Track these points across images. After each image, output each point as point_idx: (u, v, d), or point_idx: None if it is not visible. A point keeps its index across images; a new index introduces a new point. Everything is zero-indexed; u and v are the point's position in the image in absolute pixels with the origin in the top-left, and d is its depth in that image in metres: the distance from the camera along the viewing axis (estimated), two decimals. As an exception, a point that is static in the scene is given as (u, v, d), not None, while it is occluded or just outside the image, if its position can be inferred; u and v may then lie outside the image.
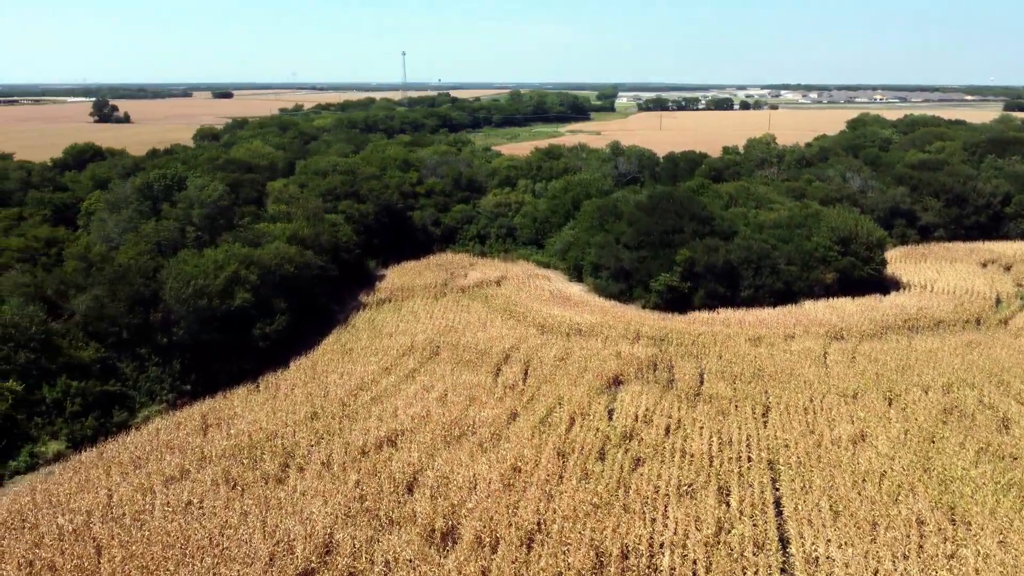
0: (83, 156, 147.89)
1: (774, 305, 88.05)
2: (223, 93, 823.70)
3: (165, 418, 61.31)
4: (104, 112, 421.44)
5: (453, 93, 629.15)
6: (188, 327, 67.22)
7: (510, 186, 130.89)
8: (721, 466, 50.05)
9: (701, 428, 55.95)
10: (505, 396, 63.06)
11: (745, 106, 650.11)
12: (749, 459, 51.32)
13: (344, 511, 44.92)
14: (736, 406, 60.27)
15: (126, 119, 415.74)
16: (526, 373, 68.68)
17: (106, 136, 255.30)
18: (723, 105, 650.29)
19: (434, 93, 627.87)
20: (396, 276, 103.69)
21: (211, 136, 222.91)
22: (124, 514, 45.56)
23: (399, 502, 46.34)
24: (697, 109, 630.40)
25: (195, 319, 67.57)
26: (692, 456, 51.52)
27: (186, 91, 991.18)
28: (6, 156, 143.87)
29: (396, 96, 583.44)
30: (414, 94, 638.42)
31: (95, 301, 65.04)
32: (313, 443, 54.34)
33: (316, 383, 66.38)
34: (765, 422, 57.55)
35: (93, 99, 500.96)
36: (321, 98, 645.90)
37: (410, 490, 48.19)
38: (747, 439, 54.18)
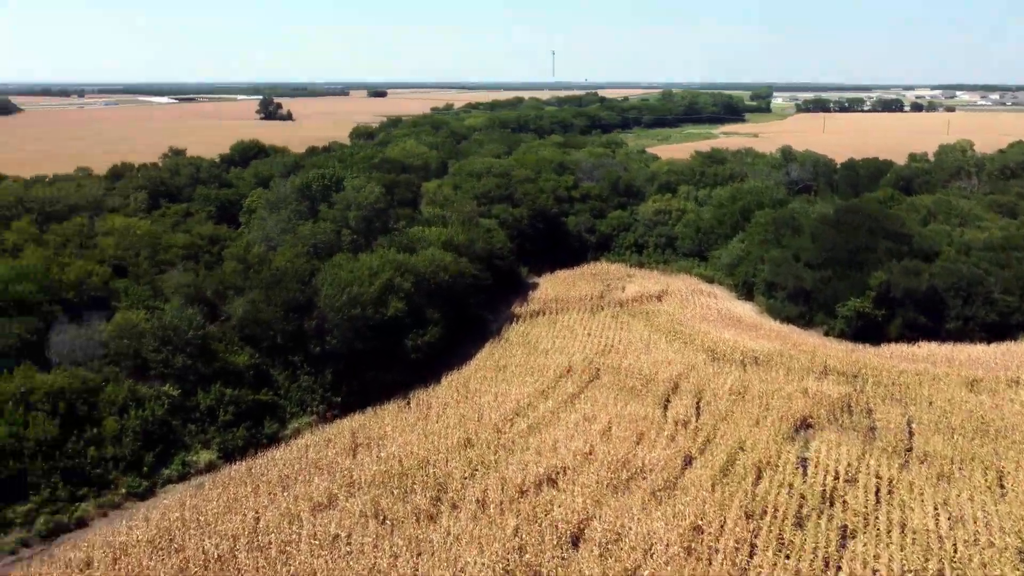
0: (248, 153, 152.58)
1: (987, 341, 75.89)
2: (377, 92, 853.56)
3: (314, 433, 58.68)
4: (269, 110, 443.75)
5: (601, 92, 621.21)
6: (341, 335, 64.54)
7: (670, 192, 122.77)
8: (956, 551, 40.93)
9: (921, 496, 46.78)
10: (676, 434, 56.07)
11: (917, 108, 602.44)
12: (991, 543, 41.84)
13: (503, 564, 39.69)
14: (960, 469, 50.41)
15: (288, 116, 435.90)
16: (698, 407, 61.31)
17: (269, 133, 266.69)
18: (891, 106, 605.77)
19: (581, 92, 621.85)
20: (549, 285, 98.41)
21: (366, 135, 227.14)
22: (270, 543, 42.42)
23: (563, 558, 40.63)
24: (861, 111, 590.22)
25: (348, 327, 64.81)
26: (915, 534, 42.68)
27: (343, 90, 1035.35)
28: (179, 151, 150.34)
29: (543, 95, 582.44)
30: (562, 93, 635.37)
31: (251, 305, 63.47)
32: (467, 475, 49.63)
33: (469, 404, 61.90)
34: (1003, 494, 47.50)
35: (260, 97, 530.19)
36: (470, 97, 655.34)
37: (575, 544, 42.39)
38: (983, 515, 44.56)
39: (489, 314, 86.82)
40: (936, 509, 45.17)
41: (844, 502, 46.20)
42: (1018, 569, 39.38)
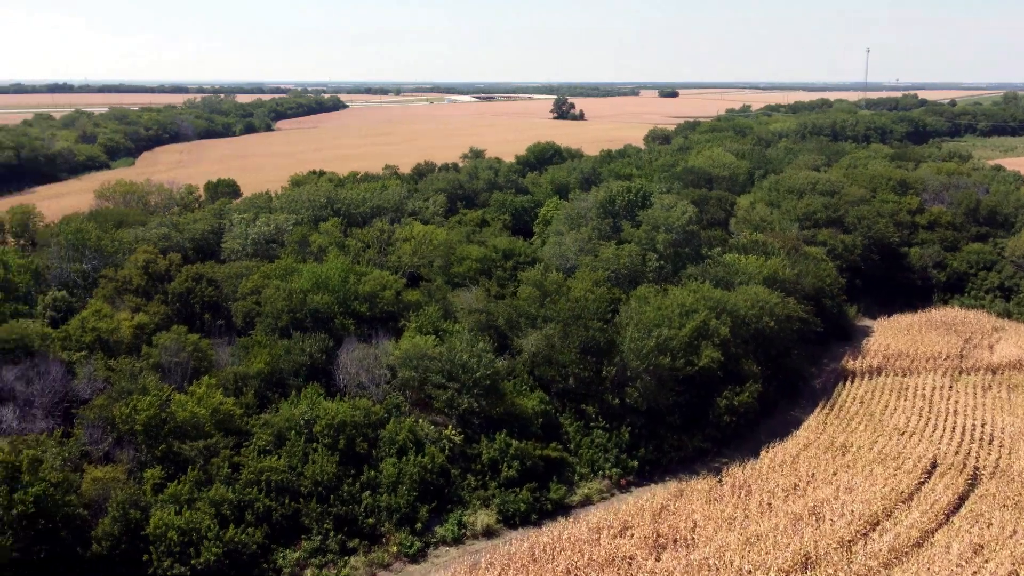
0: (544, 155, 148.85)
1: None
2: (669, 92, 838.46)
3: (606, 506, 49.07)
4: (562, 109, 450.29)
5: (920, 94, 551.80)
6: (644, 387, 54.27)
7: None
8: None
9: None
10: None
11: None
12: None
13: None
14: None
15: (580, 116, 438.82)
16: None
17: (562, 132, 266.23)
18: None
19: (897, 94, 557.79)
20: (887, 334, 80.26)
21: (662, 138, 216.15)
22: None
23: None
24: None
25: (652, 377, 54.36)
26: None
27: (634, 90, 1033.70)
28: (479, 152, 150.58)
29: (852, 97, 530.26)
30: (872, 95, 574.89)
31: (546, 341, 55.40)
32: (811, 617, 36.74)
33: (802, 498, 48.43)
34: None
35: (554, 97, 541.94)
36: (766, 98, 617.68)
37: None
38: None
39: (811, 367, 71.81)
40: None
41: None
42: None
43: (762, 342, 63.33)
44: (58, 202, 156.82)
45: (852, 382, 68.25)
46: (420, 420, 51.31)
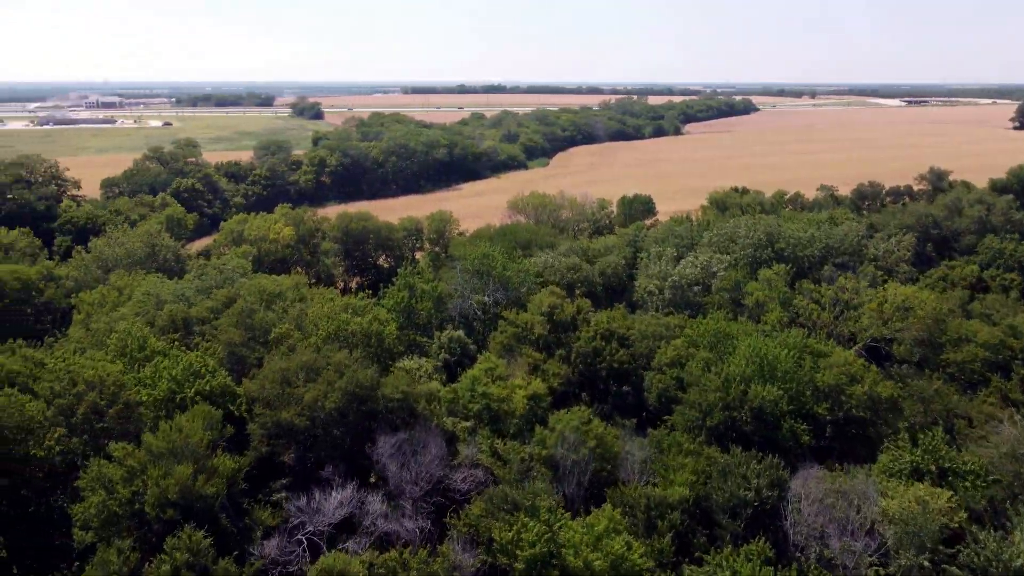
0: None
1: None
2: None
3: None
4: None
5: None
6: None
7: None
8: None
9: None
10: None
11: None
12: None
13: None
14: None
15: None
16: None
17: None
18: None
19: None
20: None
21: None
22: None
23: None
24: None
25: None
26: None
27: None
28: (942, 174, 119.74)
29: None
30: None
31: None
32: None
33: None
34: None
35: (1015, 102, 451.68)
36: None
37: None
38: None
39: None
40: None
41: None
42: None
43: None
44: (477, 201, 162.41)
45: None
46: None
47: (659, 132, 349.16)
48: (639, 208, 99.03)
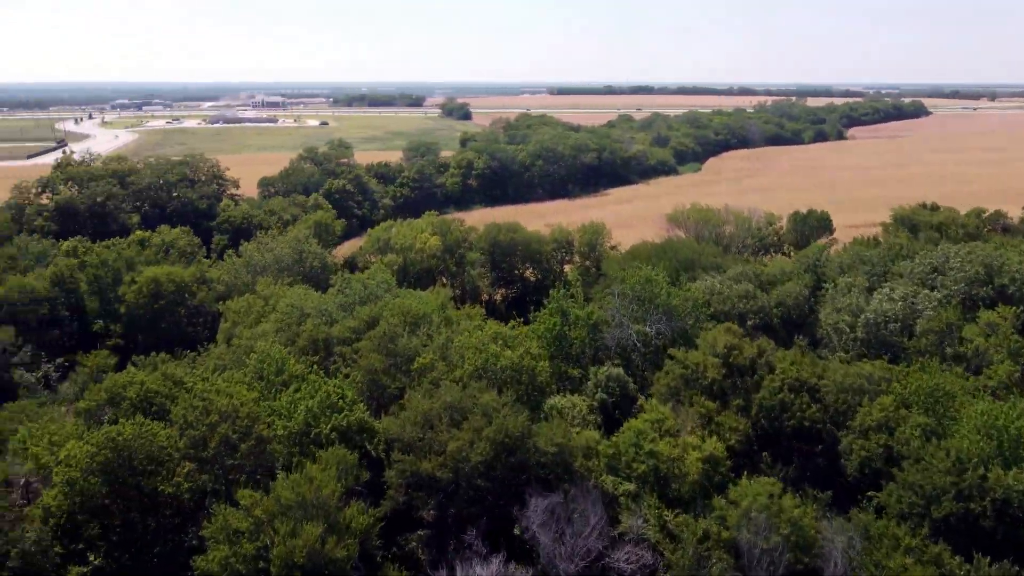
0: None
1: None
2: None
3: None
4: None
5: None
6: None
7: None
8: None
9: None
10: None
11: None
12: None
13: None
14: None
15: None
16: None
17: None
18: None
19: None
20: None
21: None
22: None
23: None
24: None
25: None
26: None
27: None
28: None
29: None
30: None
31: None
32: None
33: None
34: None
35: None
36: None
37: None
38: None
39: None
40: None
41: None
42: None
43: None
44: (626, 208, 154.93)
45: None
46: None
47: (820, 136, 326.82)
48: (813, 224, 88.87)
